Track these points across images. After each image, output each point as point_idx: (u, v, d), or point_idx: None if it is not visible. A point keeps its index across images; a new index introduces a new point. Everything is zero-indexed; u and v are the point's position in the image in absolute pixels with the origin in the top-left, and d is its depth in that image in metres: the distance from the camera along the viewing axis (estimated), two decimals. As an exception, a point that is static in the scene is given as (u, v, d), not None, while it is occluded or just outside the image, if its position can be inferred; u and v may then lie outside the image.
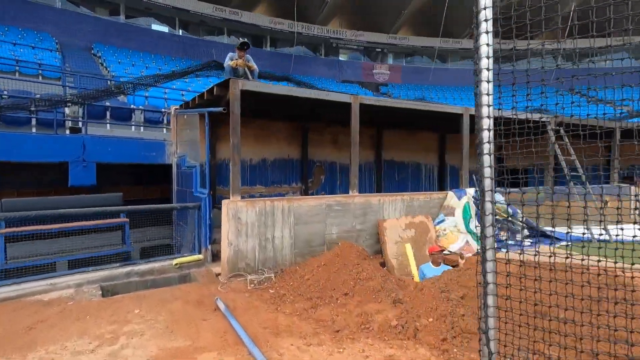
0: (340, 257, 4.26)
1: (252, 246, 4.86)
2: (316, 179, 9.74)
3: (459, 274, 3.69)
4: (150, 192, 10.13)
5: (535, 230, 6.83)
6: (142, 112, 9.44)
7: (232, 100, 4.74)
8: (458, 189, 6.54)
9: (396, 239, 5.80)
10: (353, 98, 5.71)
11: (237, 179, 4.83)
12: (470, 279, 3.53)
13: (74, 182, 6.53)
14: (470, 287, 3.43)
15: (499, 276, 2.05)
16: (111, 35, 19.89)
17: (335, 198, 5.57)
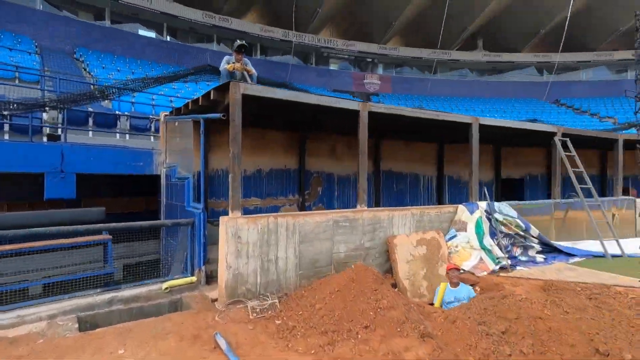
0: (356, 282, 3.78)
1: (253, 268, 4.34)
2: (313, 191, 9.28)
3: (495, 303, 3.26)
4: (136, 205, 9.45)
5: (548, 246, 6.52)
6: (127, 118, 8.83)
7: (232, 106, 4.26)
8: (469, 203, 6.18)
9: (407, 257, 5.36)
10: (362, 105, 5.31)
11: (238, 193, 4.32)
12: (509, 309, 3.10)
13: (50, 195, 5.88)
14: (511, 320, 3.01)
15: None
16: (95, 40, 19.15)
17: (343, 213, 5.12)
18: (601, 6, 24.23)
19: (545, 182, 13.37)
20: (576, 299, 3.52)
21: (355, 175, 9.94)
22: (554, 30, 27.92)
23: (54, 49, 16.80)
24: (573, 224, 7.36)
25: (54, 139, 7.30)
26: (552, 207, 7.12)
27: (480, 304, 3.33)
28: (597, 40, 28.85)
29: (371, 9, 25.36)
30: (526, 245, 6.35)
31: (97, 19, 20.80)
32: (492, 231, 5.99)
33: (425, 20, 27.36)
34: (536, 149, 12.95)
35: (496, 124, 6.75)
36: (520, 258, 6.15)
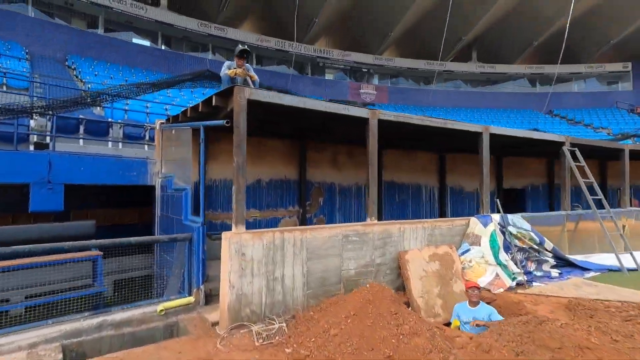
0: (373, 305, 3.44)
1: (258, 288, 3.97)
2: (314, 202, 8.95)
3: (531, 329, 2.94)
4: (128, 216, 9.00)
5: (562, 260, 6.26)
6: (121, 126, 8.45)
7: (237, 112, 3.95)
8: (482, 215, 5.91)
9: (420, 274, 5.04)
10: (371, 113, 5.04)
11: (242, 206, 3.98)
12: (551, 336, 2.78)
13: (36, 208, 5.46)
14: (554, 350, 2.68)
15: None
16: (88, 48, 18.80)
17: (353, 227, 4.79)
18: (592, 20, 24.68)
19: (547, 193, 13.25)
20: (617, 323, 3.23)
21: (357, 185, 9.70)
22: (546, 42, 28.36)
23: (45, 55, 16.41)
24: (585, 236, 7.12)
25: (42, 148, 6.89)
26: (564, 219, 6.88)
27: (513, 330, 3.01)
28: (588, 53, 29.35)
29: (367, 20, 25.49)
30: (540, 260, 6.07)
31: (90, 26, 20.49)
32: (507, 245, 5.71)
33: (421, 32, 27.59)
34: (537, 159, 12.84)
35: (506, 133, 6.54)
36: (535, 273, 5.87)
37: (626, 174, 8.54)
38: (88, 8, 19.39)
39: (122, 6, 19.77)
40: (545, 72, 30.82)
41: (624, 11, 24.84)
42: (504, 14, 25.94)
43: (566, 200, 7.37)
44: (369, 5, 24.39)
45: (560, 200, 7.67)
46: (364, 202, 9.81)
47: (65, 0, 18.85)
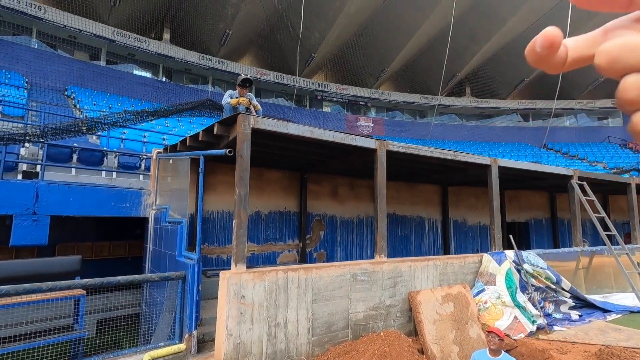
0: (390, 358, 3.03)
1: (258, 335, 3.54)
2: (315, 235, 8.57)
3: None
4: (117, 250, 8.54)
5: (581, 301, 5.87)
6: (116, 156, 8.18)
7: (240, 140, 3.71)
8: (496, 252, 5.57)
9: (434, 317, 4.62)
10: (379, 143, 4.84)
11: (243, 243, 3.63)
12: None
13: (18, 242, 5.04)
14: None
15: None
16: (88, 79, 18.96)
17: (360, 265, 4.43)
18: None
19: (549, 227, 12.98)
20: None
21: (359, 218, 9.37)
22: (537, 79, 29.30)
23: (45, 86, 16.44)
24: (600, 273, 6.78)
25: (31, 177, 6.56)
26: (578, 255, 6.56)
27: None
28: (578, 89, 30.27)
29: (364, 56, 26.25)
30: (558, 300, 5.68)
31: (93, 58, 20.79)
32: (523, 285, 5.34)
33: (416, 67, 28.43)
34: (538, 192, 12.69)
35: (515, 166, 6.36)
36: (555, 315, 5.46)
37: (635, 208, 8.33)
38: (91, 41, 19.75)
39: (125, 39, 20.18)
40: (538, 107, 31.61)
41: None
42: (495, 52, 26.92)
43: (578, 236, 7.08)
44: (365, 42, 25.22)
45: (572, 235, 7.38)
46: (365, 235, 9.48)
47: (68, 34, 19.19)
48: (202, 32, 22.11)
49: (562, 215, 13.12)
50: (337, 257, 8.91)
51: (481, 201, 11.61)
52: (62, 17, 18.06)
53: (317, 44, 23.70)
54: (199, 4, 20.44)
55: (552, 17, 23.28)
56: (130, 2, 19.11)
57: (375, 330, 4.36)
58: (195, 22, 21.41)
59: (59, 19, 18.06)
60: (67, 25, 18.33)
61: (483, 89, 30.61)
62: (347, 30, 24.06)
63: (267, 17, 22.32)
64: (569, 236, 13.27)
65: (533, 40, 0.37)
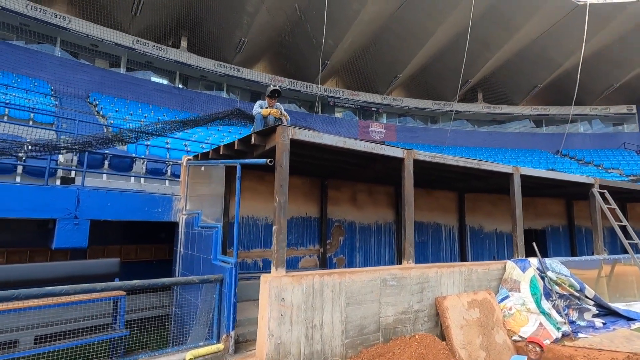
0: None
1: (296, 336, 3.72)
2: (335, 240, 8.74)
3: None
4: (143, 252, 8.82)
5: (604, 309, 5.91)
6: (144, 162, 8.50)
7: (280, 151, 3.93)
8: (520, 259, 5.67)
9: (461, 322, 4.74)
10: (406, 153, 5.01)
11: (283, 248, 3.83)
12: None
13: (61, 244, 5.33)
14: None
15: None
16: (109, 86, 19.54)
17: (390, 270, 4.59)
18: (596, 64, 25.46)
19: (567, 234, 12.91)
20: None
21: (377, 224, 9.51)
22: (550, 85, 29.14)
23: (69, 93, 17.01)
24: (622, 281, 6.80)
25: (67, 182, 6.88)
26: (600, 263, 6.60)
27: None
28: (592, 95, 29.97)
29: (376, 63, 26.49)
30: (582, 308, 5.74)
31: (112, 66, 21.43)
32: (547, 292, 5.43)
33: (428, 74, 28.55)
34: (555, 199, 12.66)
35: (536, 175, 6.46)
36: (579, 323, 5.52)
37: (656, 216, 8.31)
38: (112, 49, 20.37)
39: (145, 47, 20.76)
40: (551, 113, 31.39)
41: (626, 56, 25.69)
42: (508, 58, 26.89)
43: (599, 244, 7.11)
44: (378, 49, 25.46)
45: (591, 243, 7.42)
46: (383, 241, 9.61)
47: (91, 42, 19.83)
48: (218, 40, 22.61)
49: (579, 223, 13.04)
50: (356, 262, 9.05)
51: (498, 208, 11.64)
52: (85, 26, 18.70)
53: (330, 51, 24.00)
54: (217, 14, 20.96)
55: (566, 24, 23.25)
56: (150, 11, 19.69)
57: (404, 334, 4.51)
58: (213, 31, 21.93)
59: (83, 29, 18.69)
60: (90, 35, 18.97)
61: (496, 95, 30.55)
62: (360, 38, 24.34)
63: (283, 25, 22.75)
64: (587, 244, 13.18)
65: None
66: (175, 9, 20.47)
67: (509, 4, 22.13)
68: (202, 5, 20.60)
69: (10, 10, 16.76)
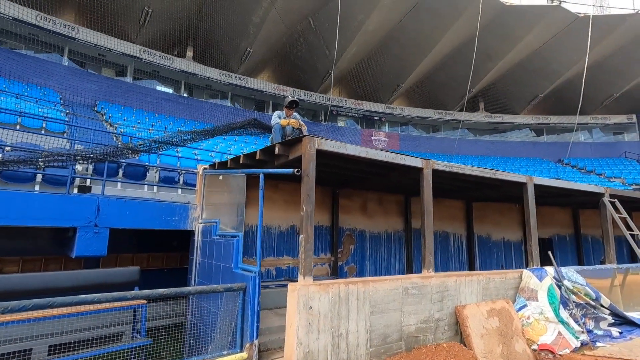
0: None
1: (323, 345, 3.75)
2: (346, 249, 8.78)
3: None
4: (155, 261, 8.84)
5: (619, 318, 5.94)
6: (157, 170, 8.57)
7: (307, 161, 4.01)
8: (537, 268, 5.72)
9: (481, 331, 4.77)
10: (425, 163, 5.10)
11: (310, 256, 3.88)
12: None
13: (81, 253, 5.37)
14: None
15: None
16: (116, 95, 19.74)
17: (411, 279, 4.63)
18: (596, 74, 25.74)
19: (574, 243, 12.95)
20: None
21: (387, 232, 9.56)
22: (551, 94, 29.45)
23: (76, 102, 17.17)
24: (636, 290, 6.83)
25: (84, 191, 6.95)
26: (613, 272, 6.65)
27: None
28: (592, 105, 30.25)
29: (380, 72, 26.79)
30: (598, 317, 5.77)
31: (119, 75, 21.66)
32: (564, 301, 5.46)
33: (430, 83, 28.87)
34: (562, 208, 12.72)
35: (549, 184, 6.55)
36: (596, 332, 5.54)
37: (665, 226, 8.37)
38: (119, 59, 20.62)
39: (151, 57, 21.01)
40: (552, 123, 31.66)
41: (626, 66, 26.03)
42: (510, 68, 27.23)
43: (611, 253, 7.16)
44: (382, 59, 25.78)
45: (601, 252, 7.46)
46: (393, 250, 9.64)
47: (98, 52, 20.08)
48: (224, 50, 22.90)
49: (585, 232, 13.10)
50: (367, 271, 9.08)
51: (505, 217, 11.70)
52: (93, 36, 18.96)
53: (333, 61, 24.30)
54: (223, 24, 21.27)
55: (566, 35, 23.61)
56: (157, 22, 19.99)
57: (425, 343, 4.53)
58: (218, 41, 22.22)
59: (91, 39, 18.95)
60: (97, 44, 19.22)
61: (497, 104, 30.83)
62: (364, 47, 24.67)
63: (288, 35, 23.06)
64: (594, 253, 13.21)
65: None
66: (182, 20, 20.79)
67: (512, 15, 22.51)
68: (209, 16, 20.93)
69: (20, 21, 17.01)
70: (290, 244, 7.92)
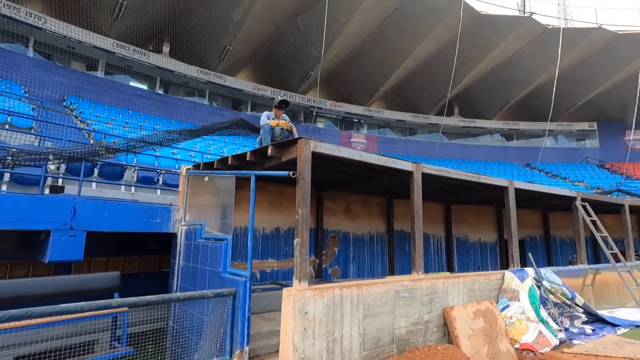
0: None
1: (319, 351, 3.70)
2: (330, 251, 8.77)
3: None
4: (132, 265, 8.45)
5: (592, 316, 6.26)
6: (135, 170, 8.22)
7: (302, 163, 3.95)
8: (518, 269, 5.92)
9: (468, 332, 4.88)
10: (415, 166, 5.16)
11: (306, 261, 3.82)
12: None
13: (55, 257, 5.04)
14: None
15: None
16: (86, 90, 18.80)
17: (402, 282, 4.66)
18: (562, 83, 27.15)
19: (544, 244, 13.56)
20: None
21: (370, 234, 9.63)
22: (521, 101, 30.82)
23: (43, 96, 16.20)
24: (604, 289, 7.23)
25: (56, 191, 6.54)
26: (585, 272, 7.00)
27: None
28: (558, 112, 31.88)
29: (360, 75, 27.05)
30: (573, 315, 6.05)
31: (89, 69, 20.66)
32: (543, 300, 5.69)
33: (408, 88, 29.47)
34: (533, 211, 13.29)
35: (528, 188, 6.81)
36: (572, 330, 5.80)
37: (629, 227, 8.93)
38: (90, 52, 19.66)
39: (125, 51, 20.19)
40: (521, 128, 33.13)
41: (589, 76, 27.64)
42: (483, 75, 28.24)
43: (582, 254, 7.54)
44: (362, 61, 26.03)
45: (576, 253, 7.85)
46: (376, 251, 9.72)
47: (67, 44, 19.06)
48: (202, 47, 22.35)
49: (554, 233, 13.75)
50: (350, 273, 9.10)
51: (482, 219, 12.09)
52: (62, 27, 17.97)
53: (315, 61, 24.30)
54: (202, 21, 20.76)
55: (536, 45, 24.78)
56: (132, 15, 19.23)
57: (415, 345, 4.58)
58: (197, 37, 21.66)
59: (60, 30, 17.95)
60: (67, 36, 18.23)
61: (471, 109, 31.89)
62: (344, 50, 24.83)
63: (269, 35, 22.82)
64: (562, 253, 13.90)
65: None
66: (159, 14, 20.10)
67: (487, 24, 23.36)
68: (188, 11, 20.38)
69: (-20, 8, 15.89)
70: (275, 247, 7.81)
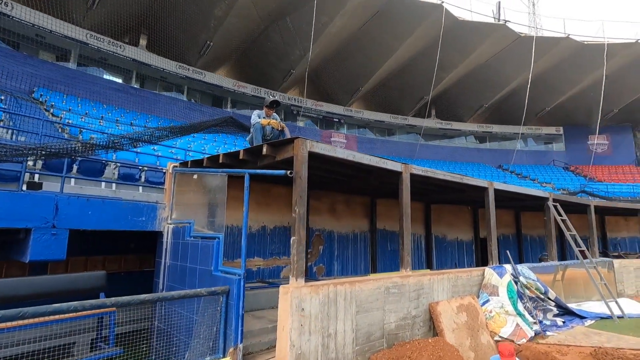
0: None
1: (314, 346, 3.79)
2: (315, 250, 8.86)
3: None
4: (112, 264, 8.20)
5: (563, 309, 6.68)
6: (116, 167, 7.98)
7: (299, 163, 4.02)
8: (497, 266, 6.24)
9: (452, 326, 5.11)
10: (404, 167, 5.34)
11: (302, 259, 3.90)
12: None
13: (36, 256, 4.85)
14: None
15: None
16: (56, 81, 17.92)
17: (392, 279, 4.83)
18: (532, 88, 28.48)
19: (516, 242, 14.25)
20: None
21: (354, 233, 9.80)
22: (494, 105, 32.07)
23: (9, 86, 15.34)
24: (573, 284, 7.72)
25: (34, 188, 6.27)
26: (556, 268, 7.45)
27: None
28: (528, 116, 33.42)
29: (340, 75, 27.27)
30: (546, 309, 6.44)
31: (60, 60, 19.72)
32: (520, 295, 6.03)
33: (387, 89, 29.98)
34: (506, 210, 13.92)
35: (506, 189, 7.17)
36: (545, 322, 6.19)
37: (593, 226, 9.56)
38: (61, 42, 18.77)
39: (100, 43, 19.42)
40: (494, 131, 34.49)
41: (557, 83, 29.15)
42: (460, 78, 29.16)
43: (553, 251, 8.02)
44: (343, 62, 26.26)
45: (547, 250, 8.32)
46: (359, 250, 9.91)
47: (36, 33, 18.11)
48: (181, 41, 21.82)
49: (525, 232, 14.46)
50: (334, 271, 9.23)
51: (459, 219, 12.55)
52: (31, 15, 17.06)
53: (297, 60, 24.29)
54: (182, 14, 20.27)
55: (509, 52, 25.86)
56: (108, 5, 18.52)
57: (404, 339, 4.75)
58: (175, 31, 21.12)
59: (28, 17, 17.04)
60: (36, 24, 17.32)
61: (447, 111, 32.86)
62: (326, 50, 24.94)
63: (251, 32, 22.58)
64: (532, 251, 14.65)
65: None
66: (136, 5, 19.44)
67: (464, 29, 24.14)
68: (167, 4, 19.83)
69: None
70: (261, 245, 7.82)
